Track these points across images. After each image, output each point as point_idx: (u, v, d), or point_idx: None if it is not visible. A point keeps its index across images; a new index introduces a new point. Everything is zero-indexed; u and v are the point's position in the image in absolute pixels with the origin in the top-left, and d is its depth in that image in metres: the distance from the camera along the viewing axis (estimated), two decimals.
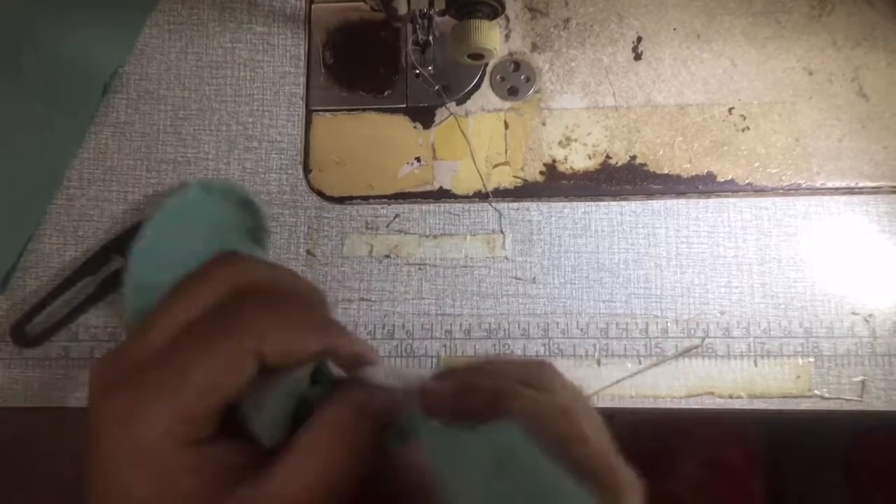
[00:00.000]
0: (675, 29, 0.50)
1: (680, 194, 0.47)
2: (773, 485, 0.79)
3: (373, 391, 0.23)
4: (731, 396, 0.44)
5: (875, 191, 0.47)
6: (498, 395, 0.23)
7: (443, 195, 0.48)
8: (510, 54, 0.50)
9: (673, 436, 0.75)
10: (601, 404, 0.45)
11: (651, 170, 0.48)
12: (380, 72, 0.50)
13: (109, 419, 0.21)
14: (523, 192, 0.48)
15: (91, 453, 0.20)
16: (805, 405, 0.44)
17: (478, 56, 0.42)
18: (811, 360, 0.45)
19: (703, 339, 0.45)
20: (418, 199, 0.48)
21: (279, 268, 0.26)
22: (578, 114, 0.49)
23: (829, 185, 0.47)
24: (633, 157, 0.48)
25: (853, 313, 0.45)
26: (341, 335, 0.24)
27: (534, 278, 0.46)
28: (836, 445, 0.83)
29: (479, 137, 0.49)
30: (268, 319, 0.22)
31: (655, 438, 0.74)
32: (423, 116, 0.49)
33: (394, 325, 0.46)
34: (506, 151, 0.48)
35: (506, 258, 0.47)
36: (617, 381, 0.45)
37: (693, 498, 0.70)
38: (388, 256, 0.47)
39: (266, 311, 0.22)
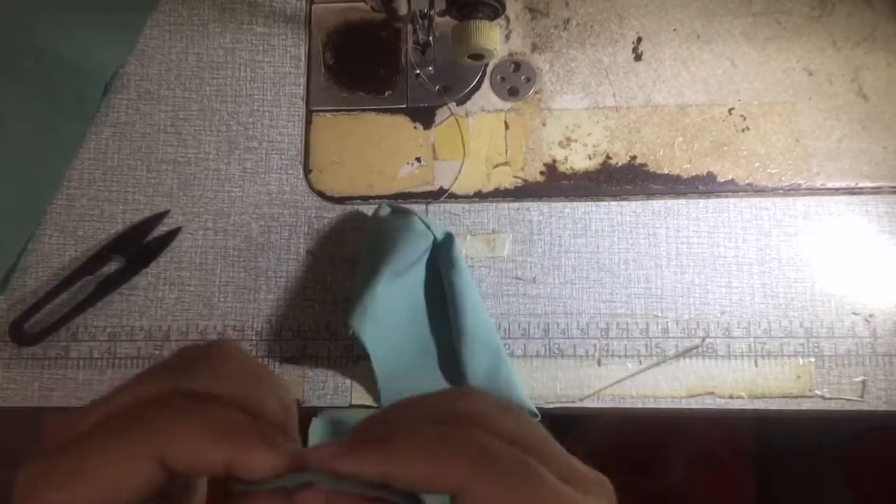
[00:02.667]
0: (675, 29, 0.50)
1: (680, 194, 0.47)
2: (767, 481, 0.79)
3: None
4: (731, 396, 0.44)
5: (875, 191, 0.47)
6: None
7: (443, 195, 0.48)
8: (510, 55, 0.50)
9: (663, 431, 0.75)
10: (602, 404, 0.45)
11: (651, 170, 0.48)
12: (380, 72, 0.50)
13: (20, 488, 0.20)
14: (523, 192, 0.48)
15: None
16: (806, 405, 0.44)
17: (478, 56, 0.42)
18: (812, 360, 0.45)
19: (704, 339, 0.45)
20: (418, 199, 0.48)
21: (243, 369, 0.24)
22: (579, 114, 0.49)
23: (829, 185, 0.47)
24: (634, 158, 0.48)
25: (854, 313, 0.45)
26: (261, 446, 0.21)
27: (534, 278, 0.46)
28: (837, 445, 0.83)
29: (480, 137, 0.49)
30: (178, 426, 0.20)
31: (645, 434, 0.74)
32: (424, 116, 0.49)
33: None
34: (506, 151, 0.48)
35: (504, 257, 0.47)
36: (617, 381, 0.45)
37: (683, 492, 0.70)
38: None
39: (182, 417, 0.20)
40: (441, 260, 0.44)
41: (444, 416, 0.22)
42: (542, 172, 0.48)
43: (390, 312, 0.43)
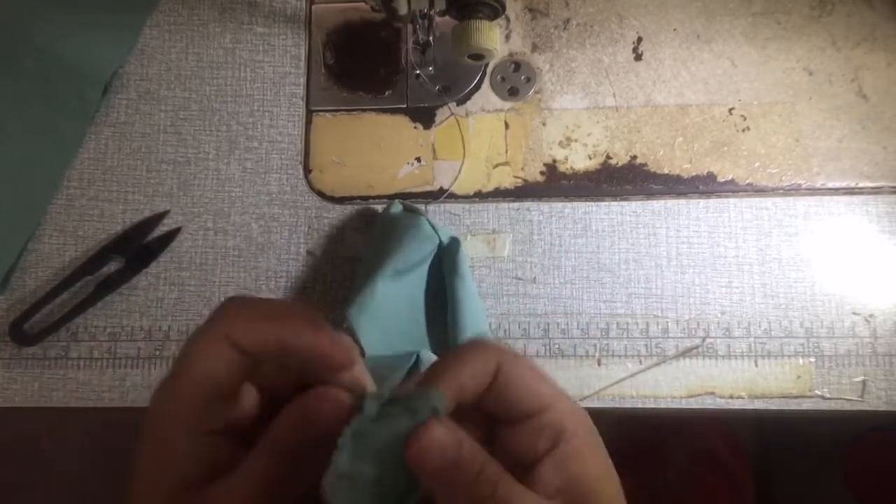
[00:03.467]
0: (675, 29, 0.50)
1: (680, 194, 0.47)
2: (767, 481, 0.79)
3: (320, 404, 0.24)
4: (731, 396, 0.44)
5: (875, 191, 0.47)
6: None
7: (443, 195, 0.48)
8: (510, 55, 0.50)
9: (663, 431, 0.75)
10: (602, 404, 0.45)
11: (651, 170, 0.48)
12: (380, 72, 0.50)
13: (153, 398, 0.24)
14: (523, 192, 0.48)
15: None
16: (806, 405, 0.44)
17: (478, 56, 0.42)
18: (812, 360, 0.45)
19: (704, 339, 0.45)
20: (418, 199, 0.48)
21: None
22: (579, 114, 0.49)
23: (830, 185, 0.47)
24: (634, 158, 0.48)
25: (854, 313, 0.45)
26: (319, 333, 0.24)
27: (534, 278, 0.46)
28: (837, 445, 0.84)
29: (480, 137, 0.49)
30: (242, 310, 0.24)
31: (645, 434, 0.75)
32: (424, 116, 0.49)
33: None
34: (506, 151, 0.48)
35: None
36: (618, 381, 0.45)
37: (683, 492, 0.70)
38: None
39: (245, 306, 0.24)
40: (445, 265, 0.44)
41: None
42: (542, 172, 0.48)
43: (389, 310, 0.43)
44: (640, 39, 0.50)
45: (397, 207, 0.46)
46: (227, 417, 0.24)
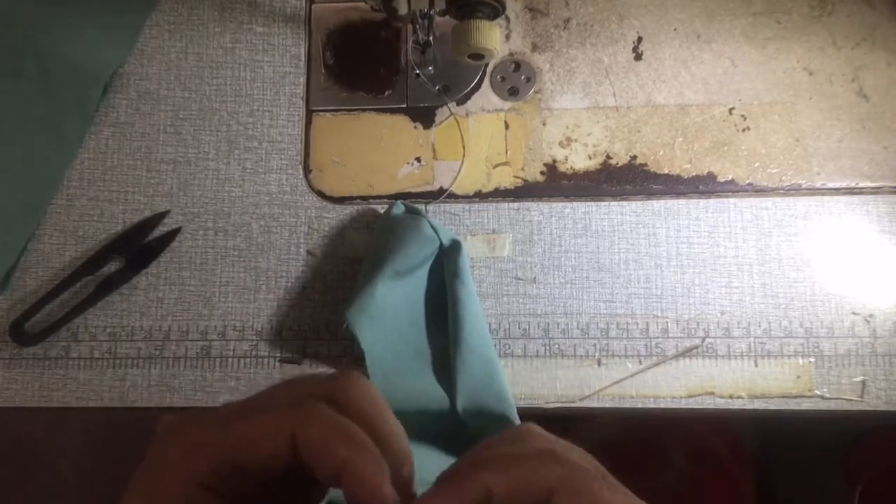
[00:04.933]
0: (675, 29, 0.50)
1: (680, 194, 0.47)
2: (767, 481, 0.79)
3: None
4: (731, 396, 0.44)
5: (875, 191, 0.47)
6: None
7: (443, 195, 0.48)
8: (510, 54, 0.50)
9: (663, 431, 0.75)
10: (602, 404, 0.45)
11: (651, 170, 0.48)
12: (380, 72, 0.50)
13: (161, 434, 0.22)
14: (524, 192, 0.48)
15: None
16: (805, 405, 0.44)
17: (478, 56, 0.42)
18: (812, 360, 0.45)
19: (704, 339, 0.45)
20: (418, 199, 0.48)
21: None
22: (579, 114, 0.49)
23: (830, 185, 0.47)
24: (634, 158, 0.48)
25: (854, 313, 0.45)
26: (377, 465, 0.21)
27: (534, 278, 0.46)
28: (837, 445, 0.84)
29: (480, 137, 0.49)
30: (318, 416, 0.21)
31: (645, 434, 0.75)
32: (423, 116, 0.49)
33: None
34: (506, 151, 0.48)
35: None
36: (617, 381, 0.45)
37: (683, 492, 0.70)
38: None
39: (324, 412, 0.22)
40: (446, 267, 0.44)
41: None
42: (542, 172, 0.48)
43: (389, 312, 0.43)
44: (640, 39, 0.50)
45: (399, 208, 0.46)
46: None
